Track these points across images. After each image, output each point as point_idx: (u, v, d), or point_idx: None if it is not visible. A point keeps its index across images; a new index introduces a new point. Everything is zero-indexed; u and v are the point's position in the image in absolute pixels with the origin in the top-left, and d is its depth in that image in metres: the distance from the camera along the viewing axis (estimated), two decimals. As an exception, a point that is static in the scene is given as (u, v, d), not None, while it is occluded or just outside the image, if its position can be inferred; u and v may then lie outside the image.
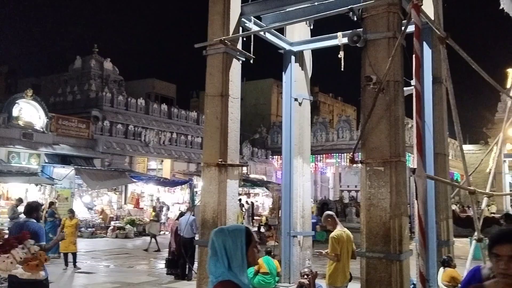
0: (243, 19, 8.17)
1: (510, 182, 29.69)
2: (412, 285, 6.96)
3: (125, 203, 23.49)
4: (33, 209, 5.92)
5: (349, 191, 36.14)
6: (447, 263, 7.55)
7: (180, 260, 11.37)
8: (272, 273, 8.71)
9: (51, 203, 15.71)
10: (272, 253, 9.23)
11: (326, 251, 6.70)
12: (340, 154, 29.61)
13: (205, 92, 7.90)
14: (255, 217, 24.13)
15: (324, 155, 30.54)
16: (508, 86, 21.51)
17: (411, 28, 5.39)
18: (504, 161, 27.44)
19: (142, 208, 23.58)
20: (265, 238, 18.77)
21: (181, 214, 12.94)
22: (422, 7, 5.38)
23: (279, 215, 10.58)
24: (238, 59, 8.03)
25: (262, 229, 20.55)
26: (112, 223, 21.17)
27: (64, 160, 21.01)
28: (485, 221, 14.19)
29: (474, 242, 7.34)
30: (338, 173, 36.26)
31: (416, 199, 4.66)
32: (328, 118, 36.64)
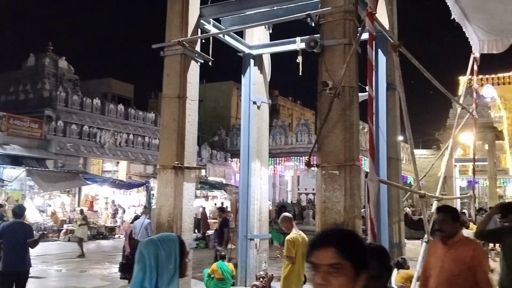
0: (202, 21, 8.14)
1: (460, 186, 30.86)
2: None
3: (78, 206, 22.84)
4: (22, 211, 7.02)
5: (307, 194, 36.60)
6: (401, 265, 7.73)
7: (134, 264, 11.15)
8: (227, 277, 8.65)
9: (0, 206, 15.08)
10: (226, 257, 9.16)
11: (282, 249, 6.83)
12: (298, 157, 29.93)
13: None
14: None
15: (283, 158, 30.79)
16: (459, 93, 22.39)
17: (366, 36, 5.50)
18: (455, 165, 28.47)
19: (97, 211, 23.01)
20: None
21: (136, 217, 12.69)
22: (377, 15, 5.49)
23: (237, 218, 10.56)
24: (197, 61, 7.99)
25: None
26: (65, 226, 20.52)
27: (15, 160, 20.20)
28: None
29: (424, 244, 7.57)
30: (297, 176, 36.67)
31: (369, 202, 4.76)
32: (287, 122, 36.94)
